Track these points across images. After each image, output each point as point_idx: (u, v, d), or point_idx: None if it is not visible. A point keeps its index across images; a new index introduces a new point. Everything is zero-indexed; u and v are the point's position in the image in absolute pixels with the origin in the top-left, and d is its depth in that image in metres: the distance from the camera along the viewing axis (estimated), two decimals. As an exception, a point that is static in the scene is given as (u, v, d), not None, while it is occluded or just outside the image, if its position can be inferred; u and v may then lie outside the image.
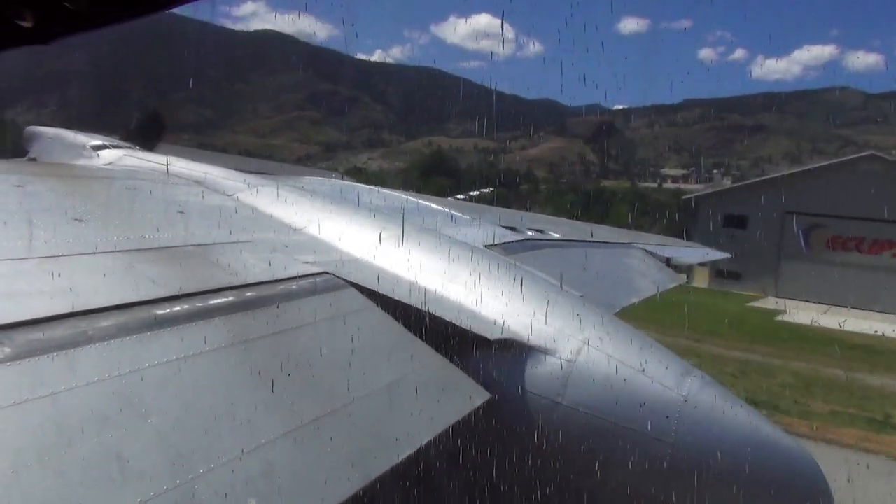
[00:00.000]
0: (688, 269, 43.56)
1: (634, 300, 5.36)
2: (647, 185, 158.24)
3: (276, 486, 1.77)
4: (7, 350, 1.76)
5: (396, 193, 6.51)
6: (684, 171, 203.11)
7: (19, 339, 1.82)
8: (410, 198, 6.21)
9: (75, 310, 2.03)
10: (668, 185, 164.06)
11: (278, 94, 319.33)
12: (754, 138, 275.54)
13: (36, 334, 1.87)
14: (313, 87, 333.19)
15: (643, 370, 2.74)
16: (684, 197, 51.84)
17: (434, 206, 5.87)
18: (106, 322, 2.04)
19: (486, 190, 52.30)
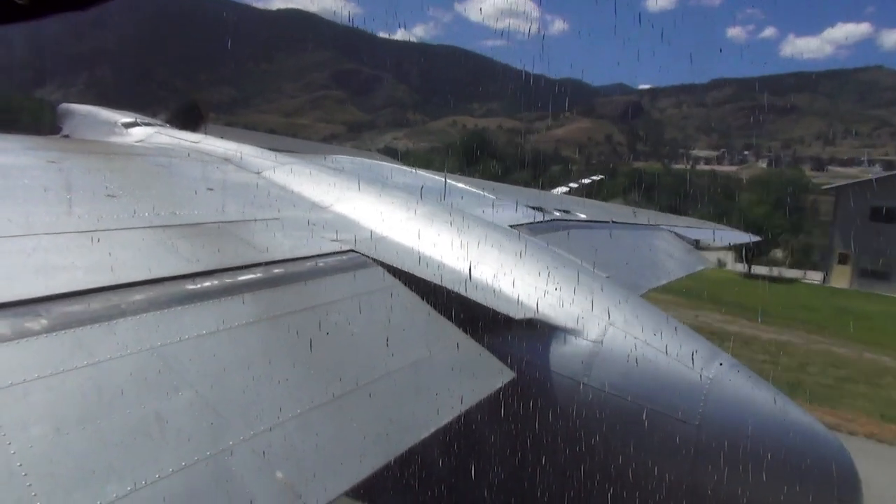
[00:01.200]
0: (826, 268, 41.20)
1: (662, 282, 5.30)
2: (679, 166, 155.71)
3: (302, 460, 1.83)
4: (44, 322, 1.83)
5: (423, 173, 6.32)
6: (716, 153, 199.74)
7: (56, 311, 1.89)
8: (437, 177, 6.08)
9: (109, 284, 2.10)
10: (702, 166, 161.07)
11: (303, 73, 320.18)
12: (785, 119, 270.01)
13: (71, 307, 1.94)
14: (337, 66, 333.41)
15: (669, 352, 2.75)
16: (824, 187, 48.57)
17: (460, 185, 5.81)
18: (138, 296, 2.10)
19: (595, 178, 50.67)
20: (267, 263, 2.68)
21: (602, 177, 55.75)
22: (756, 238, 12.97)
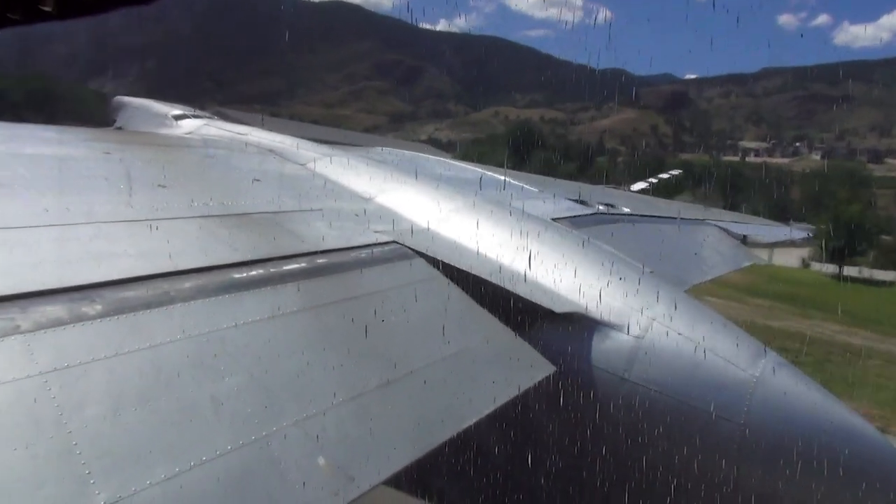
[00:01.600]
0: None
1: (707, 278, 5.21)
2: (728, 158, 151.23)
3: (344, 447, 1.84)
4: (99, 307, 1.89)
5: (465, 165, 6.36)
6: (766, 144, 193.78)
7: (110, 296, 1.95)
8: (479, 169, 6.08)
9: (160, 271, 2.16)
10: (752, 158, 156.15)
11: (345, 64, 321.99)
12: (839, 109, 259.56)
13: (124, 293, 1.99)
14: (379, 56, 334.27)
15: (714, 349, 2.68)
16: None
17: (502, 177, 5.78)
18: (187, 284, 2.16)
19: (673, 173, 49.19)
20: (311, 253, 2.72)
21: (680, 171, 54.14)
22: (810, 234, 12.56)
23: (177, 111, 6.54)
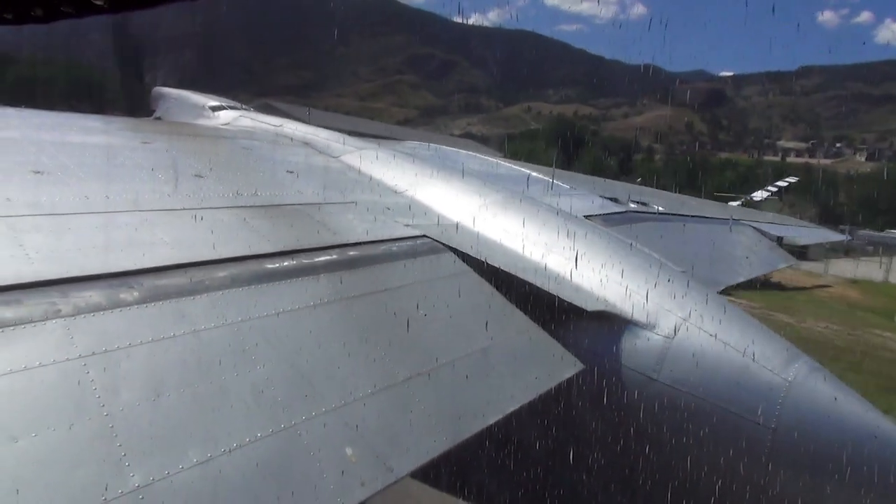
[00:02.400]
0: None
1: (741, 279, 5.15)
2: (768, 158, 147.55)
3: (371, 438, 1.85)
4: (136, 293, 1.93)
5: (497, 160, 6.34)
6: (805, 145, 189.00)
7: (147, 283, 1.99)
8: (511, 165, 6.12)
9: (195, 260, 2.21)
10: (792, 158, 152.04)
11: (378, 57, 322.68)
12: (881, 109, 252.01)
13: (161, 280, 2.03)
14: (411, 50, 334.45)
15: (746, 351, 2.66)
16: None
17: (534, 174, 5.77)
18: (221, 273, 2.20)
19: (789, 180, 47.70)
20: (342, 246, 2.75)
21: (797, 178, 52.62)
22: (849, 237, 12.40)
23: (214, 102, 6.66)
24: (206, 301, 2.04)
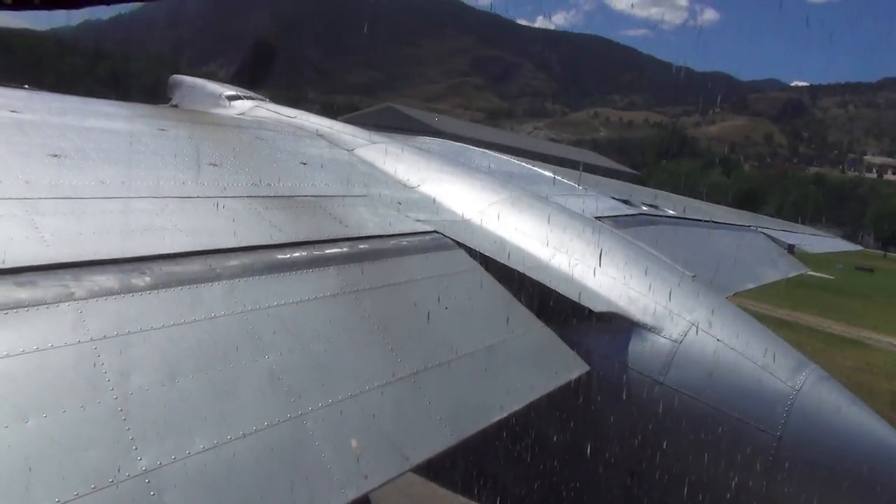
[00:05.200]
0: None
1: (750, 286, 5.19)
2: (855, 174, 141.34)
3: (376, 431, 1.89)
4: (148, 279, 1.96)
5: (509, 159, 6.22)
6: (894, 161, 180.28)
7: (158, 269, 2.02)
8: (524, 163, 6.03)
9: (207, 248, 2.23)
10: (890, 176, 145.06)
11: (445, 59, 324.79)
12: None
13: (172, 267, 2.06)
14: (477, 52, 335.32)
15: (753, 357, 2.67)
16: None
17: (547, 173, 5.63)
18: (233, 261, 2.23)
19: None
20: (353, 239, 2.77)
21: None
22: (858, 247, 12.46)
23: (230, 91, 6.48)
24: (219, 288, 2.08)
